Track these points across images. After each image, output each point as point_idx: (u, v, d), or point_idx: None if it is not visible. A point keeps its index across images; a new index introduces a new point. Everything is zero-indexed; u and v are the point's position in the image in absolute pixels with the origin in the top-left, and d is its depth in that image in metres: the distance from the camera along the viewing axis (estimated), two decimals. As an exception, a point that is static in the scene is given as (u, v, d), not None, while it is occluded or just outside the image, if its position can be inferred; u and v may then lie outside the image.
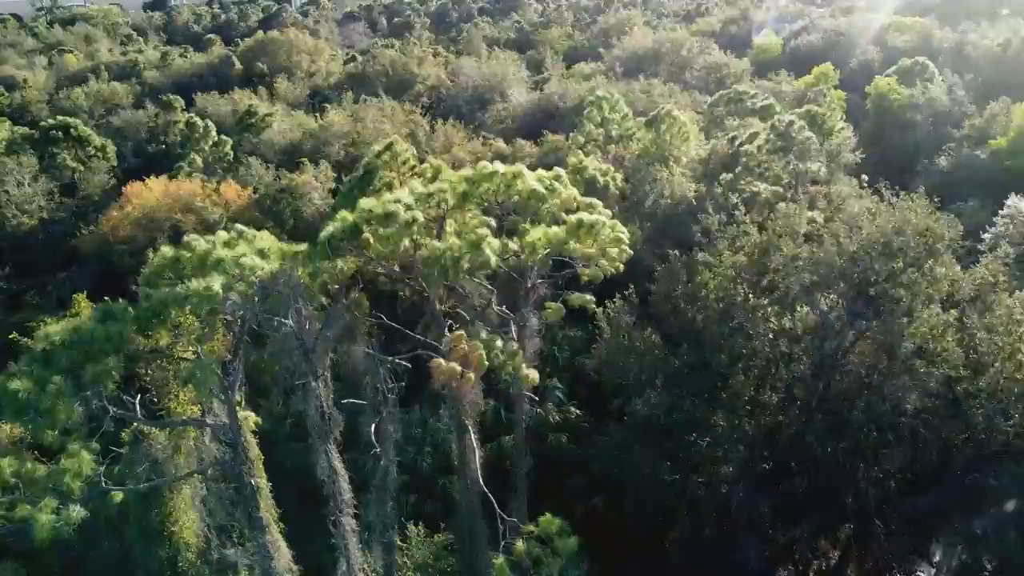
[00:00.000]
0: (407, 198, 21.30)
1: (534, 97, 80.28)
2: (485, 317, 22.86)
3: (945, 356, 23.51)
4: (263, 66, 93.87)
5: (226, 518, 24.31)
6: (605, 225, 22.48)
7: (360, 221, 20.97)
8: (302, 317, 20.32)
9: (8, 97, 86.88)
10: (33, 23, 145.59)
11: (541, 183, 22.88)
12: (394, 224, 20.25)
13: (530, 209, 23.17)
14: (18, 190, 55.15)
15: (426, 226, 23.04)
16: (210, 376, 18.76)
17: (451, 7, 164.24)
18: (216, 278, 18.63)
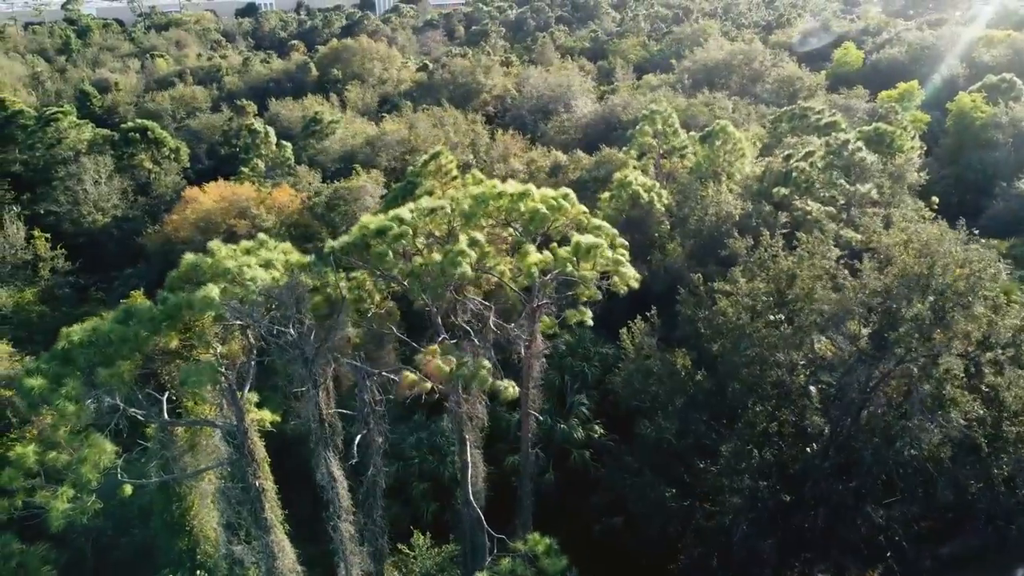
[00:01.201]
0: (405, 214, 21.77)
1: (598, 108, 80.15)
2: (483, 333, 23.05)
3: (960, 403, 22.43)
4: (338, 72, 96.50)
5: (235, 516, 25.16)
6: (604, 248, 22.38)
7: (361, 235, 21.57)
8: (304, 327, 20.95)
9: (100, 99, 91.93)
10: (133, 28, 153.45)
11: (546, 203, 22.97)
12: (386, 239, 20.72)
13: (535, 228, 23.26)
14: (95, 188, 58.34)
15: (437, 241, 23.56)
16: (205, 377, 19.52)
17: (529, 16, 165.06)
18: (214, 287, 19.46)
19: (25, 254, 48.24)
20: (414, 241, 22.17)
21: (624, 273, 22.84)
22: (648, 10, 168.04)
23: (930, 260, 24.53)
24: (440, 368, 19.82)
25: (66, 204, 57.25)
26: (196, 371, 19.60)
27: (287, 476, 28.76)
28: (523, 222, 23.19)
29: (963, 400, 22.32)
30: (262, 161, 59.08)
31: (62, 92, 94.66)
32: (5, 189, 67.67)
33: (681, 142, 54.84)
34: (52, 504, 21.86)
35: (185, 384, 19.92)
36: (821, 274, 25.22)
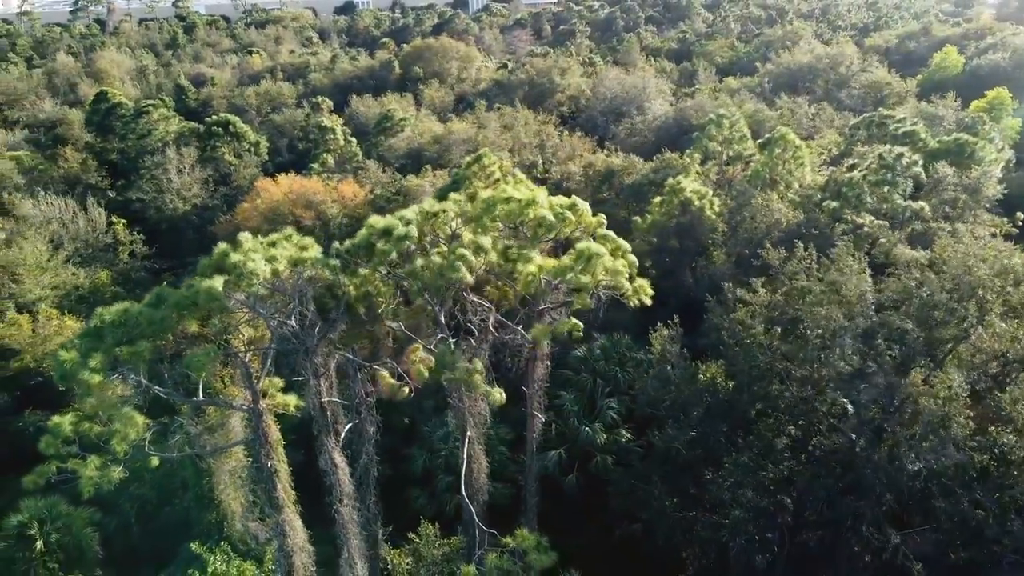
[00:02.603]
0: (410, 215, 22.59)
1: (671, 111, 79.32)
2: (482, 335, 23.63)
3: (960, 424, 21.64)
4: (419, 71, 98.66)
5: (251, 495, 26.63)
6: (604, 258, 22.59)
7: (368, 235, 22.54)
8: (306, 319, 22.07)
9: (196, 93, 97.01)
10: (235, 25, 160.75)
11: (553, 211, 23.37)
12: (391, 240, 21.56)
13: (541, 234, 23.70)
14: (178, 178, 61.86)
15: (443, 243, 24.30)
16: (206, 362, 20.85)
17: (619, 16, 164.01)
18: (219, 279, 20.79)
19: (106, 238, 51.72)
20: (422, 240, 23.00)
21: (623, 284, 22.96)
22: (742, 11, 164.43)
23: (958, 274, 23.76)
24: (419, 371, 20.55)
25: (151, 192, 60.94)
26: (199, 356, 20.97)
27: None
28: (530, 228, 23.65)
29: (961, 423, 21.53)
30: (331, 156, 61.28)
31: (163, 86, 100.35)
32: (102, 176, 72.65)
33: (746, 148, 53.93)
34: (81, 471, 23.82)
35: (189, 367, 21.33)
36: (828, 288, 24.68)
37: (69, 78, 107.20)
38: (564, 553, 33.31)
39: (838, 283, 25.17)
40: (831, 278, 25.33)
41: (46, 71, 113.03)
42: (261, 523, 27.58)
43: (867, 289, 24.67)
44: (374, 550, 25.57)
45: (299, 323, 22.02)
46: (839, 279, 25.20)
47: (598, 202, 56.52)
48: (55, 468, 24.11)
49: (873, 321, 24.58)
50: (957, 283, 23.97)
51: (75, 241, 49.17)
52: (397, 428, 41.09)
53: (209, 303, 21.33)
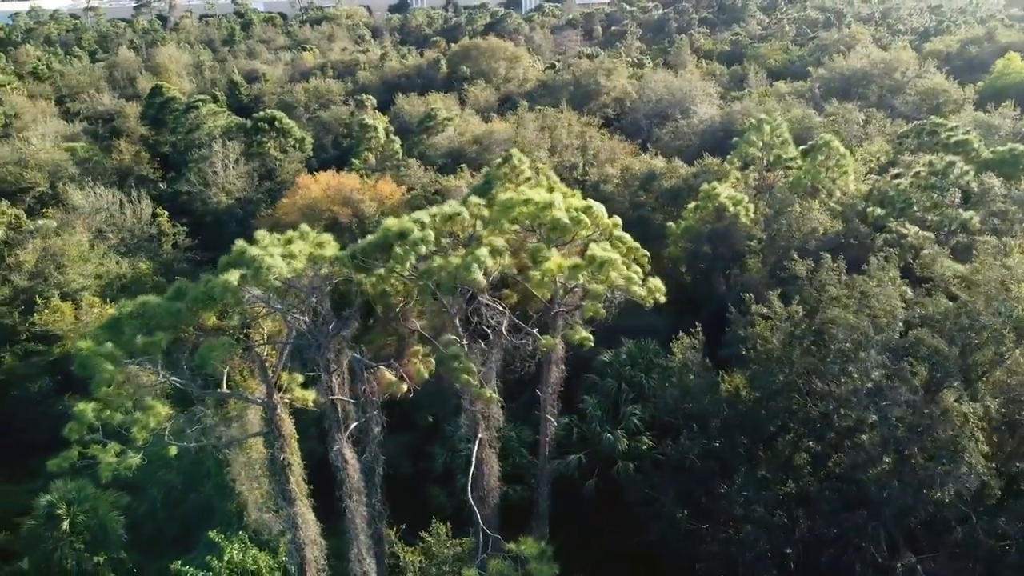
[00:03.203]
0: (426, 218, 22.67)
1: (717, 115, 78.20)
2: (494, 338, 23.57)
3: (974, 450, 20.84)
4: (466, 70, 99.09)
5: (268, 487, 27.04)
6: (617, 263, 22.35)
7: (384, 236, 22.68)
8: (319, 316, 22.32)
9: (248, 88, 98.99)
10: (290, 22, 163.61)
11: (568, 214, 23.22)
12: (407, 242, 21.66)
13: (556, 237, 23.56)
14: (223, 172, 63.21)
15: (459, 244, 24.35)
16: (219, 355, 21.22)
17: (672, 17, 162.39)
18: (235, 274, 21.15)
19: (150, 229, 53.11)
20: (439, 241, 23.07)
21: (635, 291, 22.67)
22: (798, 13, 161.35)
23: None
24: (419, 371, 20.61)
25: (197, 185, 62.36)
26: (211, 349, 21.37)
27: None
28: (546, 230, 23.54)
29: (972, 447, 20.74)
30: (372, 154, 61.93)
31: (217, 81, 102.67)
32: (155, 168, 74.71)
33: (787, 154, 52.85)
34: (101, 457, 24.49)
35: (202, 360, 21.75)
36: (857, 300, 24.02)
37: (129, 72, 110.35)
38: (580, 559, 33.38)
39: (868, 295, 24.48)
40: (861, 289, 24.64)
41: (108, 65, 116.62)
42: (275, 515, 28.00)
43: (898, 304, 23.92)
44: (380, 547, 25.74)
45: (313, 320, 22.28)
46: (869, 291, 24.50)
47: (635, 206, 56.12)
48: (77, 453, 24.87)
49: (902, 337, 23.83)
50: (990, 302, 23.11)
51: (120, 231, 50.61)
52: (421, 426, 41.41)
53: (225, 297, 21.69)
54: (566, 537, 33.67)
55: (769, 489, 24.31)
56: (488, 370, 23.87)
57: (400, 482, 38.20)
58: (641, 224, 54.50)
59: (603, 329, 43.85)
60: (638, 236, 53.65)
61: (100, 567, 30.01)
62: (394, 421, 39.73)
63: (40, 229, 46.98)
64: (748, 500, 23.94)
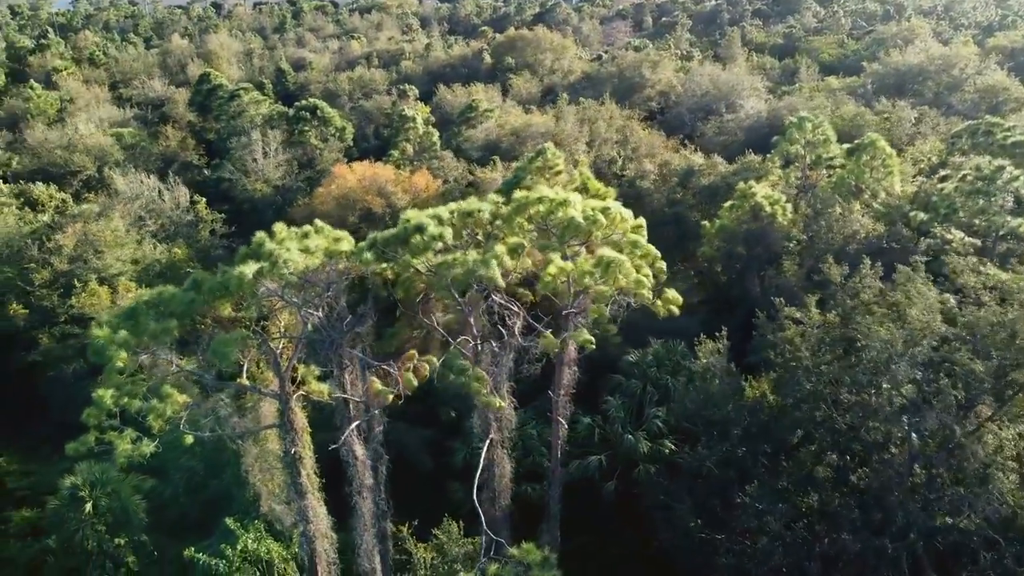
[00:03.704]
0: (445, 213, 22.36)
1: (764, 110, 76.38)
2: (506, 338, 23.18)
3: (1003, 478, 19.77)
4: (511, 61, 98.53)
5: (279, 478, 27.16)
6: (625, 265, 21.76)
7: (403, 229, 22.44)
8: (333, 312, 22.21)
9: (294, 76, 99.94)
10: (340, 11, 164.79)
11: (583, 214, 22.69)
12: (425, 236, 21.37)
13: (568, 236, 23.04)
14: (264, 160, 63.85)
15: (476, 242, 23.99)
16: (231, 348, 21.25)
17: (724, 8, 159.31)
18: (251, 266, 21.14)
19: (187, 215, 53.89)
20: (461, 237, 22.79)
21: (644, 294, 22.04)
22: (857, 5, 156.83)
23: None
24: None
25: (236, 172, 63.11)
26: (223, 341, 21.41)
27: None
28: (559, 229, 23.05)
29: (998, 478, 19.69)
30: (410, 145, 61.90)
31: (264, 69, 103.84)
32: (200, 155, 75.91)
33: (829, 152, 51.23)
34: (117, 443, 24.80)
35: (214, 352, 21.81)
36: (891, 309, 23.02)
37: (181, 59, 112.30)
38: (594, 562, 32.91)
39: (902, 305, 23.45)
40: (893, 299, 23.62)
41: (161, 52, 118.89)
42: (287, 507, 28.12)
43: (933, 315, 22.84)
44: (384, 544, 25.65)
45: (328, 316, 22.18)
46: (903, 301, 23.48)
47: (672, 203, 55.10)
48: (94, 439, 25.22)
49: (936, 352, 22.77)
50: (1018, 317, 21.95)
51: (159, 217, 51.45)
52: (444, 420, 41.31)
53: (239, 290, 21.70)
54: (581, 539, 33.31)
55: (787, 501, 23.49)
56: (500, 370, 23.52)
57: (420, 477, 38.24)
58: (677, 222, 53.58)
59: (633, 329, 43.32)
60: (674, 234, 53.69)
61: (121, 548, 30.50)
62: (417, 416, 40.03)
63: (83, 213, 47.96)
64: (763, 511, 23.16)
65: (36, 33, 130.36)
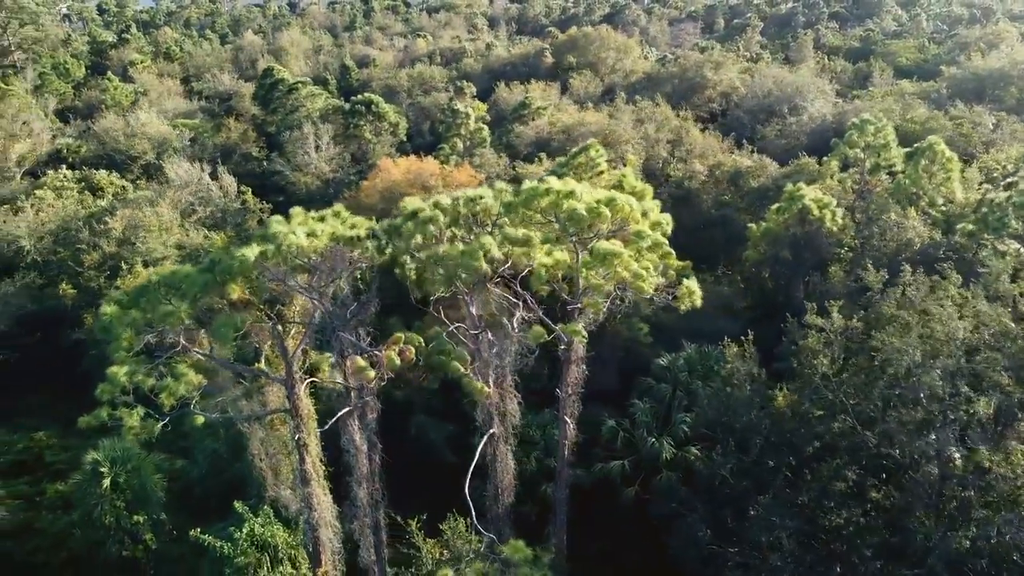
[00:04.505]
0: (447, 200, 21.91)
1: (829, 113, 73.70)
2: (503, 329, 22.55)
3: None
4: (572, 60, 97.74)
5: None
6: (623, 258, 20.85)
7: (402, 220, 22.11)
8: (337, 298, 21.98)
9: (358, 73, 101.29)
10: (410, 10, 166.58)
11: (587, 205, 21.90)
12: (417, 222, 20.99)
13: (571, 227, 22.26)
14: (316, 153, 64.70)
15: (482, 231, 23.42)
16: (230, 330, 21.21)
17: (800, 11, 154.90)
18: (254, 248, 21.08)
19: (234, 204, 54.91)
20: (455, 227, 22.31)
21: (643, 287, 21.10)
22: (942, 9, 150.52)
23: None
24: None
25: (289, 165, 64.13)
26: (223, 323, 21.41)
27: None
28: (563, 221, 22.31)
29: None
30: (461, 140, 61.83)
31: (329, 65, 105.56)
32: (260, 147, 77.51)
33: (891, 158, 48.84)
34: (126, 419, 25.14)
35: (215, 335, 21.82)
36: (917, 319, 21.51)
37: (252, 55, 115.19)
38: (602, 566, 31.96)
39: (930, 314, 21.92)
40: (921, 307, 22.09)
41: (234, 48, 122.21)
42: (293, 493, 28.07)
43: (961, 327, 21.28)
44: (378, 535, 25.31)
45: (332, 301, 21.99)
46: (932, 309, 21.94)
47: (719, 204, 53.56)
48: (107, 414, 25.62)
49: (962, 366, 21.21)
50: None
51: (208, 205, 52.56)
52: (469, 416, 40.85)
53: (243, 270, 21.68)
54: (600, 544, 32.40)
55: (803, 516, 22.19)
56: (502, 362, 22.92)
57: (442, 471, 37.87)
58: (724, 223, 52.03)
59: (668, 332, 42.23)
60: (722, 236, 52.09)
61: (139, 526, 31.02)
62: (441, 410, 39.68)
63: (135, 199, 49.36)
64: (772, 526, 21.93)
65: (119, 29, 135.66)
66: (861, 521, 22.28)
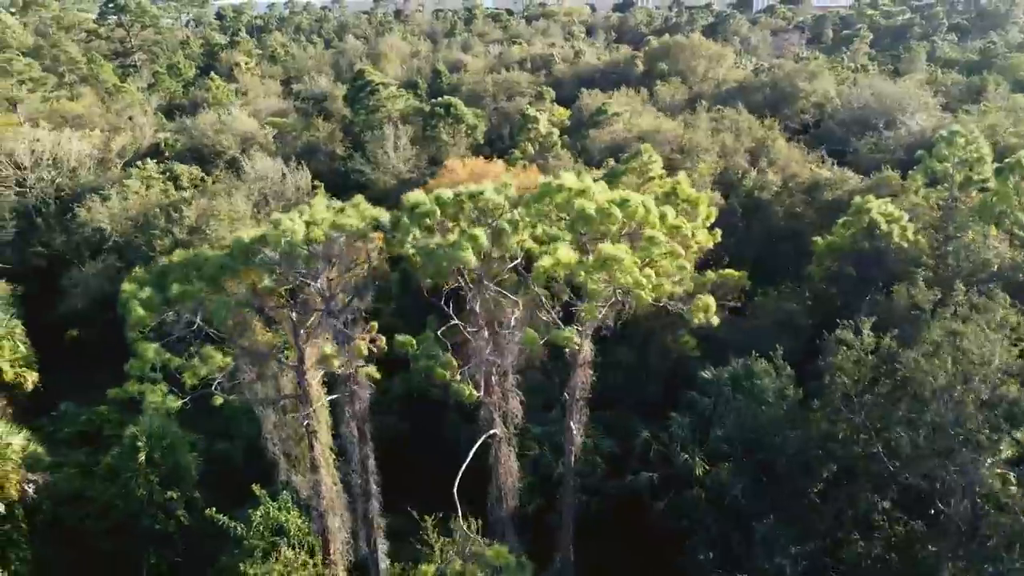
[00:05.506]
0: (449, 195, 21.63)
1: (931, 128, 69.36)
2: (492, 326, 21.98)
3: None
4: (663, 68, 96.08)
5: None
6: (624, 262, 19.93)
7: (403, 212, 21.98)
8: (332, 284, 22.06)
9: (449, 78, 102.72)
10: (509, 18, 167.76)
11: (598, 206, 21.14)
12: (414, 216, 20.80)
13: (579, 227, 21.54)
14: (394, 153, 65.85)
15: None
16: (227, 312, 21.59)
17: (917, 22, 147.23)
18: (249, 232, 21.40)
19: (307, 199, 56.37)
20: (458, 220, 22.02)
21: (642, 296, 20.12)
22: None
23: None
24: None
25: (369, 164, 65.52)
26: (219, 303, 21.82)
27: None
28: (573, 220, 21.63)
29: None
30: (531, 144, 61.64)
31: (422, 70, 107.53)
32: (346, 147, 79.59)
33: (982, 174, 45.41)
34: (148, 396, 26.03)
35: (213, 313, 22.26)
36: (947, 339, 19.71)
37: (351, 59, 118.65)
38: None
39: (959, 335, 20.05)
40: (949, 328, 20.23)
41: (336, 52, 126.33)
42: (302, 480, 28.33)
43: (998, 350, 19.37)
44: (368, 527, 25.16)
45: (324, 287, 22.11)
46: (960, 330, 20.06)
47: (791, 217, 51.20)
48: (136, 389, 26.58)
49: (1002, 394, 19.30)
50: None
51: (280, 199, 54.22)
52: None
53: (242, 254, 22.09)
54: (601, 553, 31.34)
55: (812, 545, 20.66)
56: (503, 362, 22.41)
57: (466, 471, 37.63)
58: (795, 237, 49.65)
59: (721, 345, 40.55)
60: (791, 250, 49.73)
61: (172, 501, 32.07)
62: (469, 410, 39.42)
63: (212, 190, 51.50)
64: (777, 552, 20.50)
65: (231, 32, 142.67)
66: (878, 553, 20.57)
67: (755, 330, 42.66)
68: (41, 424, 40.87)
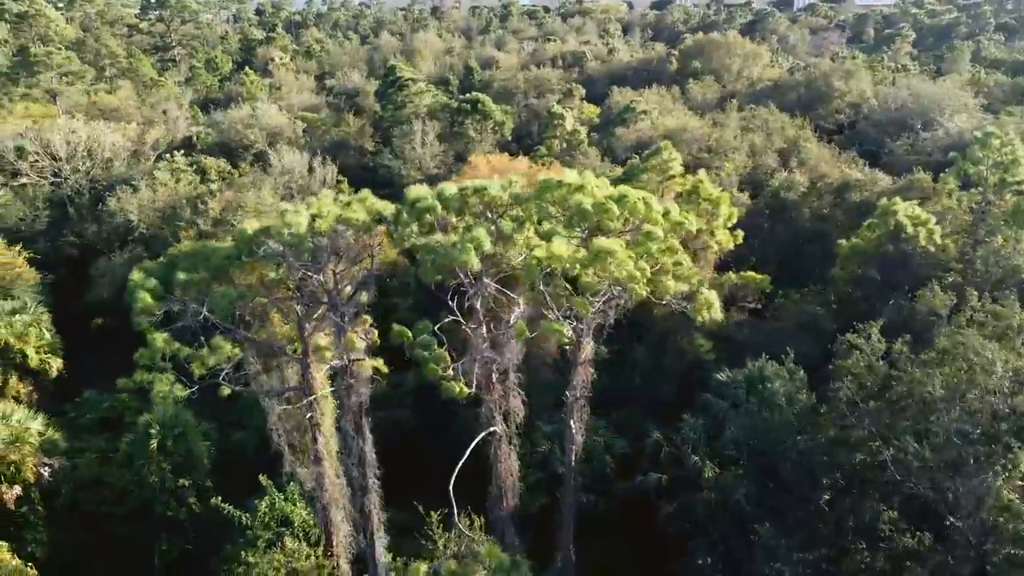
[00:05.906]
0: (452, 190, 21.50)
1: (969, 130, 67.51)
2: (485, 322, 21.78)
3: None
4: (697, 65, 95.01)
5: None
6: (618, 255, 19.60)
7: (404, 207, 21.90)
8: (336, 277, 22.06)
9: (480, 74, 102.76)
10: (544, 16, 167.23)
11: (595, 201, 20.85)
12: (414, 212, 20.70)
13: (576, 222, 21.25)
14: (421, 148, 65.99)
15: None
16: (225, 302, 21.71)
17: (963, 21, 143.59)
18: (253, 223, 21.49)
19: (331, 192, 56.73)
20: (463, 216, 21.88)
21: (636, 290, 19.79)
22: None
23: None
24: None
25: (396, 160, 65.76)
26: (220, 293, 21.95)
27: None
28: (570, 215, 21.36)
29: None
30: (557, 142, 61.35)
31: (454, 66, 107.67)
32: (376, 141, 80.00)
33: (1016, 177, 44.02)
34: (157, 385, 26.33)
35: (216, 307, 22.40)
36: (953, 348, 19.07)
37: (386, 55, 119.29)
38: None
39: (967, 345, 19.39)
40: (955, 337, 19.58)
41: (371, 48, 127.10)
42: (305, 471, 28.43)
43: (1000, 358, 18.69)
44: (366, 522, 25.14)
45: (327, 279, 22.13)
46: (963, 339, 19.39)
47: (817, 218, 50.19)
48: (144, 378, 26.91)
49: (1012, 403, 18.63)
50: None
51: (305, 193, 54.61)
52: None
53: (244, 245, 22.19)
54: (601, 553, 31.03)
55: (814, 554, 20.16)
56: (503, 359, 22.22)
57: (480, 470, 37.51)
58: (821, 238, 48.65)
59: (740, 347, 39.91)
60: (817, 252, 48.74)
61: (183, 488, 32.45)
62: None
63: (238, 183, 52.05)
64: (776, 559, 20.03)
65: (268, 28, 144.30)
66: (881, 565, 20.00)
67: (776, 332, 41.92)
68: (65, 410, 41.60)
